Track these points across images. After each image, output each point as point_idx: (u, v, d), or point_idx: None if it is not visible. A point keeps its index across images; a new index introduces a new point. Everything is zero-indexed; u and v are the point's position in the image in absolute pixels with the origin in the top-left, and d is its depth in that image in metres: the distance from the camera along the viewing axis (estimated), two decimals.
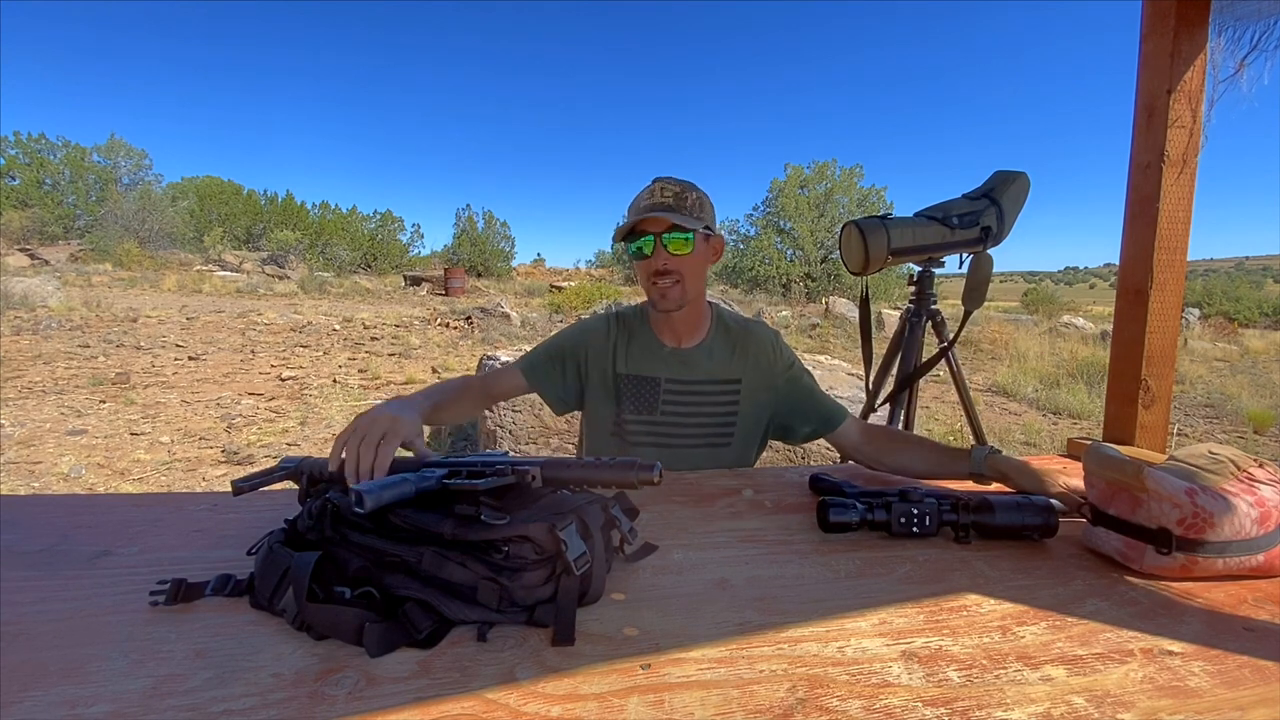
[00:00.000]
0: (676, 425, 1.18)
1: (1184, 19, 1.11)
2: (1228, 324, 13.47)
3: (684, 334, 1.20)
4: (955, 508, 0.77)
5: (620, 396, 1.19)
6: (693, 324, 1.20)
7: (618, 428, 1.20)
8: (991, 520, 0.76)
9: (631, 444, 1.19)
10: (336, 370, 6.26)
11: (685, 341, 1.21)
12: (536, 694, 0.47)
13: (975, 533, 0.77)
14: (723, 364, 1.20)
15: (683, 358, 1.19)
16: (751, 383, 1.20)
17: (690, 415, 1.18)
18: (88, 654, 0.51)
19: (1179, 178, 1.14)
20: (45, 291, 9.25)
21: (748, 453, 1.23)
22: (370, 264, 27.64)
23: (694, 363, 1.19)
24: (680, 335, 1.20)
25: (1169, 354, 1.18)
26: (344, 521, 0.61)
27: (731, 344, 1.22)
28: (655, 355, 1.19)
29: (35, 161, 24.69)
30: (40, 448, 3.79)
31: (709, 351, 1.21)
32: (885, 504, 0.78)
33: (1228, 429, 5.26)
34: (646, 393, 1.18)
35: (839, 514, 0.77)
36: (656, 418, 1.18)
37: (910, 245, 1.48)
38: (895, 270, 7.95)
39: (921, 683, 0.49)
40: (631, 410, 1.18)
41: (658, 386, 1.18)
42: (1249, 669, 0.52)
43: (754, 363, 1.21)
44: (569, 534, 0.57)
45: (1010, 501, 0.77)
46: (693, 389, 1.19)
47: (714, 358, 1.20)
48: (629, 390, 1.19)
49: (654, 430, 1.18)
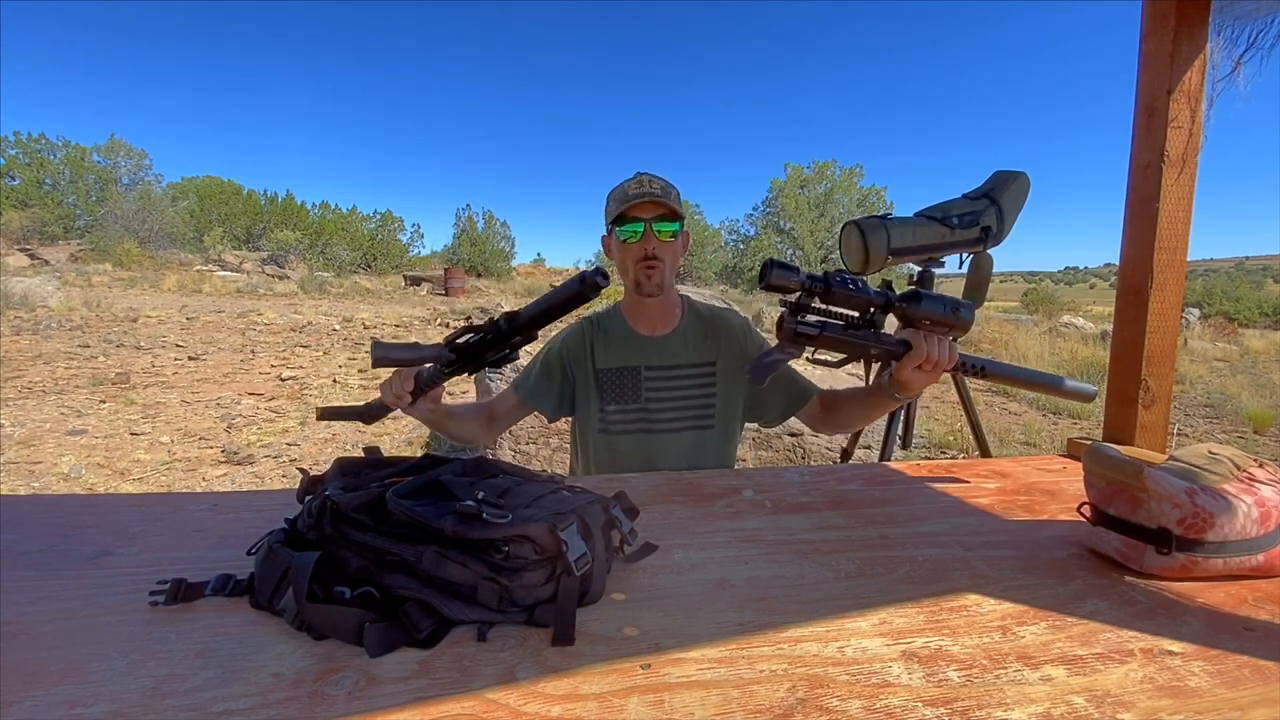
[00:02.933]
0: (660, 410, 1.23)
1: (1184, 19, 1.11)
2: (1228, 324, 13.47)
3: (659, 322, 1.26)
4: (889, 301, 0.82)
5: (603, 391, 1.24)
6: (666, 311, 1.26)
7: (604, 423, 1.24)
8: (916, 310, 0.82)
9: (619, 434, 1.23)
10: (336, 370, 6.26)
11: (660, 329, 1.26)
12: (536, 694, 0.47)
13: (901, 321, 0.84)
14: (697, 348, 1.26)
15: (659, 345, 1.25)
16: (725, 365, 1.26)
17: (672, 399, 1.23)
18: (88, 654, 0.51)
19: (1179, 178, 1.14)
20: (45, 291, 9.25)
21: (731, 434, 1.28)
22: (370, 264, 27.65)
23: (670, 348, 1.24)
24: (655, 323, 1.26)
25: (1169, 354, 1.18)
26: (344, 520, 0.61)
27: (704, 329, 1.28)
28: (632, 345, 1.25)
29: (35, 161, 24.69)
30: (40, 448, 3.79)
31: (683, 336, 1.26)
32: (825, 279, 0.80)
33: (1228, 429, 5.26)
34: (628, 382, 1.23)
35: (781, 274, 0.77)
36: (641, 404, 1.22)
37: (910, 245, 1.48)
38: (895, 270, 7.98)
39: (921, 683, 0.49)
40: (615, 401, 1.23)
41: (638, 375, 1.23)
42: (1249, 669, 0.52)
43: (726, 346, 1.26)
44: (570, 534, 0.57)
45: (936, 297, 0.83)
46: (672, 373, 1.24)
47: (688, 342, 1.26)
48: (611, 383, 1.24)
49: (640, 418, 1.22)
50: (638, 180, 1.18)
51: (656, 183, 1.17)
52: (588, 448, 1.27)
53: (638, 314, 1.26)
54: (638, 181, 1.17)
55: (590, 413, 1.25)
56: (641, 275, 1.18)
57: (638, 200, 1.13)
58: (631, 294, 1.24)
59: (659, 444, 1.21)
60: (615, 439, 1.23)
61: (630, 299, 1.26)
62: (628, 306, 1.28)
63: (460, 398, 5.27)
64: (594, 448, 1.25)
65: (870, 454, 3.21)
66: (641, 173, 1.20)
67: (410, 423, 4.61)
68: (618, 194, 1.19)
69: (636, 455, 1.22)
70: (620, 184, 1.21)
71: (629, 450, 1.22)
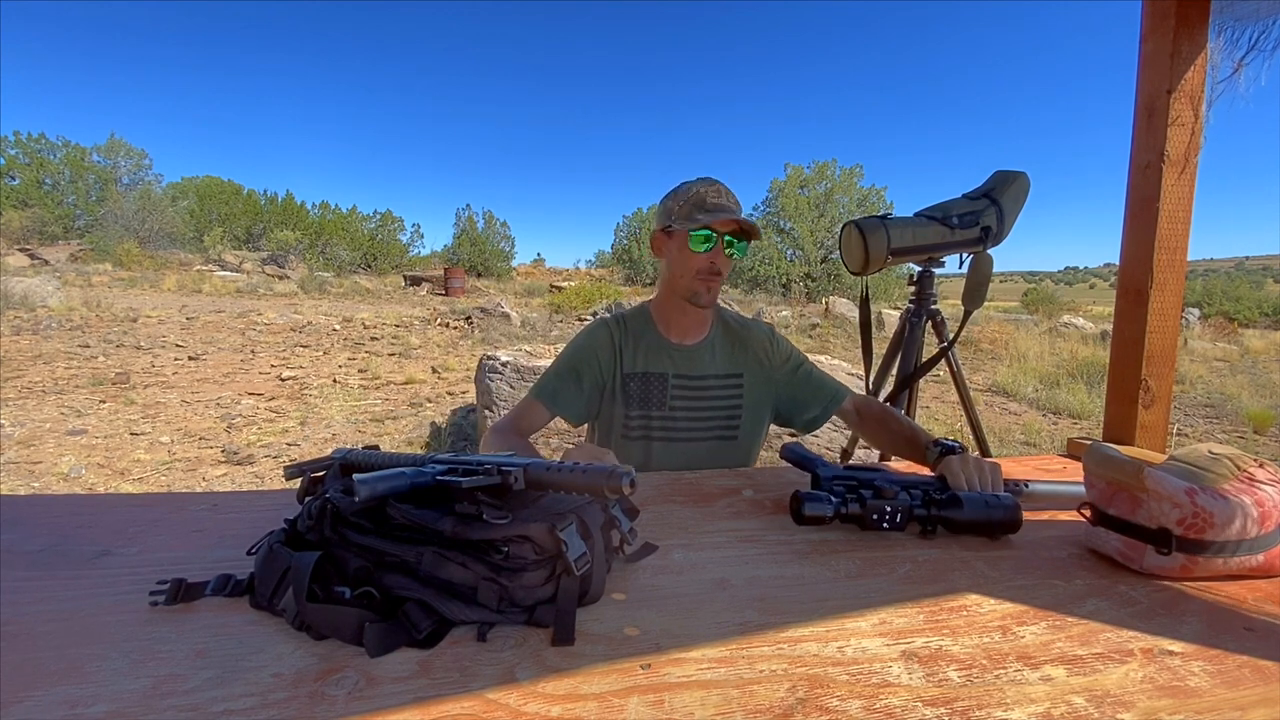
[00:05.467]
0: (685, 419, 1.21)
1: (1184, 19, 1.11)
2: (1228, 324, 13.47)
3: (691, 331, 1.24)
4: (925, 503, 0.79)
5: (629, 395, 1.21)
6: (701, 321, 1.25)
7: (627, 428, 1.21)
8: (959, 515, 0.78)
9: (640, 440, 1.20)
10: (336, 370, 6.26)
11: (690, 338, 1.24)
12: (536, 694, 0.47)
13: (943, 527, 0.79)
14: (726, 359, 1.24)
15: (688, 354, 1.23)
16: (753, 376, 1.25)
17: (698, 410, 1.21)
18: (88, 654, 0.51)
19: (1179, 178, 1.14)
20: (45, 291, 9.25)
21: (754, 444, 1.27)
22: (370, 264, 27.64)
23: (699, 358, 1.23)
24: (687, 332, 1.24)
25: (1169, 354, 1.18)
26: (344, 522, 0.61)
27: (732, 340, 1.27)
28: (662, 352, 1.23)
29: (35, 161, 24.68)
30: (40, 448, 3.79)
31: (711, 348, 1.24)
32: (859, 498, 0.79)
33: (1228, 429, 5.26)
34: (654, 389, 1.21)
35: (814, 507, 0.77)
36: (665, 413, 1.20)
37: (910, 245, 1.48)
38: (895, 270, 7.95)
39: (921, 683, 0.49)
40: (639, 407, 1.20)
41: (665, 382, 1.21)
42: (1249, 669, 0.52)
43: (754, 356, 1.25)
44: (569, 534, 0.57)
45: (978, 499, 0.79)
46: (699, 384, 1.22)
47: (717, 354, 1.24)
48: (637, 388, 1.21)
49: (663, 425, 1.20)
50: (715, 189, 1.13)
51: (732, 196, 1.14)
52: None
53: (672, 320, 1.23)
54: (716, 190, 1.13)
55: (615, 417, 1.22)
56: (701, 288, 1.15)
57: (719, 213, 1.10)
58: (677, 300, 1.20)
59: (681, 450, 1.20)
60: (635, 445, 1.20)
61: (669, 304, 1.22)
62: (662, 311, 1.25)
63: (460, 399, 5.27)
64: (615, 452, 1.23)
65: (870, 454, 3.20)
66: (714, 179, 1.15)
67: (410, 423, 4.61)
68: (693, 198, 1.14)
69: (656, 461, 1.20)
70: (690, 185, 1.16)
71: (650, 456, 1.20)
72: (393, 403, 5.20)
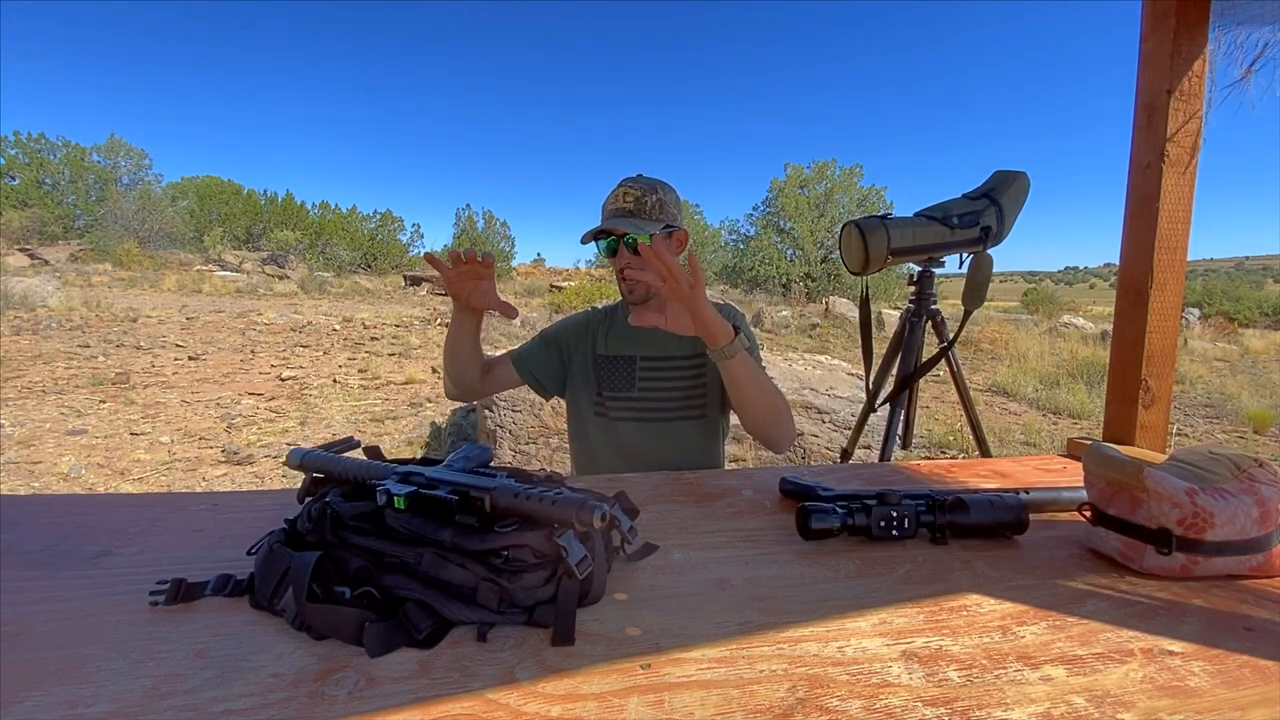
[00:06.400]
0: (653, 399, 1.26)
1: (1184, 19, 1.11)
2: (1228, 324, 13.47)
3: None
4: (931, 508, 0.79)
5: (600, 377, 1.28)
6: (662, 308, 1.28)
7: (600, 407, 1.28)
8: (966, 519, 0.77)
9: (614, 420, 1.27)
10: (336, 370, 6.26)
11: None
12: (536, 694, 0.47)
13: (951, 532, 0.78)
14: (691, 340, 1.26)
15: (650, 335, 1.27)
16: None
17: (665, 389, 1.27)
18: (88, 654, 0.51)
19: (1179, 178, 1.14)
20: (45, 291, 9.25)
21: (721, 422, 1.31)
22: (370, 264, 27.64)
23: (664, 340, 1.27)
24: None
25: (1169, 354, 1.18)
26: (344, 526, 0.61)
27: None
28: (629, 335, 1.29)
29: (35, 161, 24.70)
30: (40, 448, 3.79)
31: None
32: (865, 508, 0.78)
33: (1228, 429, 5.27)
34: (623, 371, 1.27)
35: (820, 520, 0.77)
36: (634, 394, 1.26)
37: (910, 245, 1.48)
38: (895, 270, 7.95)
39: (921, 683, 0.49)
40: (610, 388, 1.27)
41: (633, 364, 1.27)
42: (1249, 669, 0.52)
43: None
44: (568, 540, 0.57)
45: (983, 500, 0.79)
46: (665, 364, 1.27)
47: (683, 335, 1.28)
48: (606, 370, 1.28)
49: (633, 406, 1.26)
50: (615, 195, 1.21)
51: (632, 194, 1.18)
52: (586, 433, 1.31)
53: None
54: (614, 196, 1.20)
55: (587, 396, 1.29)
56: (624, 288, 1.24)
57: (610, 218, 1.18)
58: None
59: (652, 430, 1.26)
60: (612, 424, 1.27)
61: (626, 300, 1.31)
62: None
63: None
64: (592, 431, 1.29)
65: (870, 454, 3.21)
66: (625, 180, 1.22)
67: (410, 423, 4.61)
68: (602, 207, 1.23)
69: (631, 440, 1.26)
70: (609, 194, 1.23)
71: (624, 435, 1.26)
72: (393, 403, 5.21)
